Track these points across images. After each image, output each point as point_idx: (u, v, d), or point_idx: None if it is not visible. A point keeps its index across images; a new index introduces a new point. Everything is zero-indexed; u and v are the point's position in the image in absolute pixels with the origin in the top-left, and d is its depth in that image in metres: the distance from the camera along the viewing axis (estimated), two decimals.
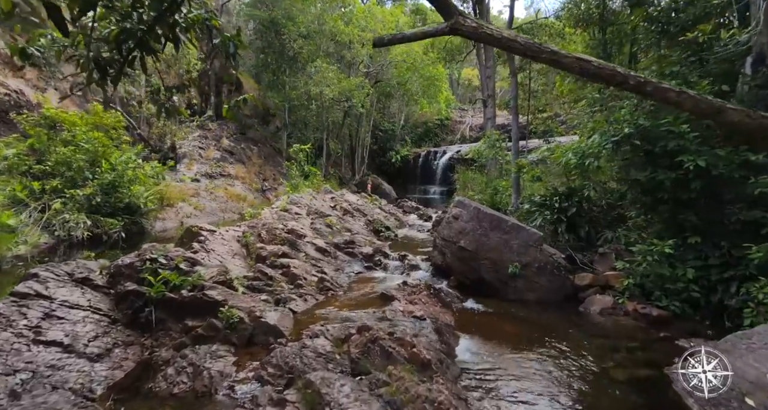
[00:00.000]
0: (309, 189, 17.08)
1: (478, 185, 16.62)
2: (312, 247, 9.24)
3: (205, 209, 15.46)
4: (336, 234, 10.31)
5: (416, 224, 14.87)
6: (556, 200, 9.46)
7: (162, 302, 5.16)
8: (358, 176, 29.54)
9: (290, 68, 24.12)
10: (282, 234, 9.30)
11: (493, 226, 7.53)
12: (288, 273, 7.39)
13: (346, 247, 9.64)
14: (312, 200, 14.50)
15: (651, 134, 6.64)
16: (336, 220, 11.38)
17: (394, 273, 8.63)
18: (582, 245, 9.17)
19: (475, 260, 7.53)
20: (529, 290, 7.23)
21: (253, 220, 10.26)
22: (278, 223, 9.96)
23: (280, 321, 5.28)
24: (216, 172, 19.61)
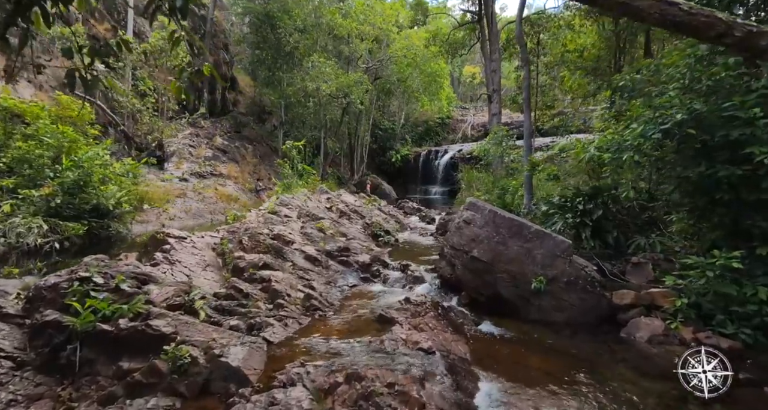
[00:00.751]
0: (304, 189, 15.80)
1: (483, 184, 15.34)
2: (300, 255, 7.95)
3: (191, 210, 14.18)
4: (329, 240, 9.02)
5: (418, 226, 13.58)
6: (579, 202, 8.17)
7: (91, 336, 3.88)
8: (357, 176, 28.28)
9: (286, 64, 22.84)
10: (267, 241, 8.01)
11: (513, 233, 6.24)
12: (268, 289, 6.09)
13: (340, 255, 8.34)
14: (306, 201, 13.25)
15: (707, 121, 5.36)
16: (330, 224, 10.09)
17: (394, 287, 7.34)
18: (609, 253, 7.89)
19: (490, 273, 6.24)
20: (556, 309, 5.93)
21: (236, 224, 8.98)
22: (263, 227, 8.67)
23: (246, 361, 3.99)
24: (206, 171, 18.32)
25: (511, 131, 15.15)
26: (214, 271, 6.67)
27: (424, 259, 8.70)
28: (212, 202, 15.59)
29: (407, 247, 10.23)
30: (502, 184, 14.20)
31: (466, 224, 6.64)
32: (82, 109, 10.10)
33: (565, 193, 8.81)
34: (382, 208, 16.34)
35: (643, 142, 5.87)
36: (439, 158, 30.52)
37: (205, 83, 23.19)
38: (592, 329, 5.70)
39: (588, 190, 8.39)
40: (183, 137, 20.06)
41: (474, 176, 16.22)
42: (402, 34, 23.94)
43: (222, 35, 24.97)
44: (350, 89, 21.48)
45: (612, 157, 6.41)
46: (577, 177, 10.35)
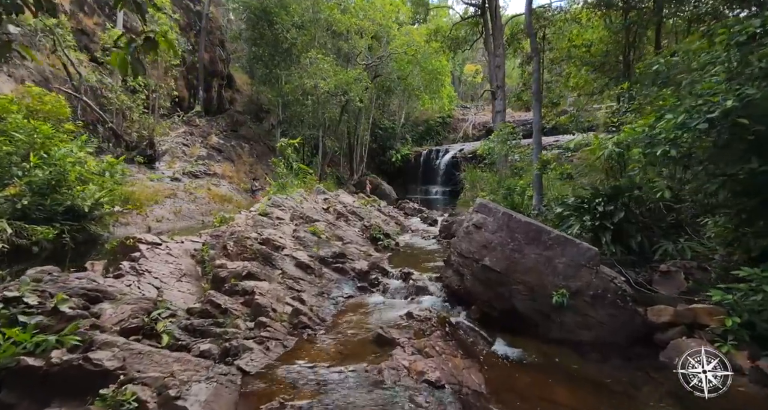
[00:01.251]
0: (300, 189, 14.97)
1: (488, 184, 14.50)
2: (291, 262, 7.13)
3: (181, 211, 13.35)
4: (324, 245, 8.18)
5: (420, 229, 12.74)
6: (598, 203, 7.34)
7: (13, 374, 3.05)
8: (357, 176, 27.44)
9: (284, 61, 22.01)
10: (254, 246, 7.19)
11: (530, 239, 5.40)
12: (251, 303, 5.27)
13: (335, 261, 7.50)
14: (301, 202, 12.44)
15: (761, 109, 4.53)
16: (325, 226, 9.26)
17: (395, 298, 6.51)
18: (633, 259, 7.05)
19: (504, 284, 5.41)
20: (581, 327, 5.10)
21: (222, 227, 8.15)
22: (251, 231, 7.85)
23: (210, 404, 3.16)
24: (200, 171, 17.50)
25: (516, 128, 14.31)
26: (191, 282, 5.85)
27: (428, 266, 7.86)
28: (204, 203, 14.76)
29: (409, 252, 9.39)
30: (508, 184, 13.35)
31: (477, 228, 5.81)
32: (58, 105, 9.24)
33: (581, 193, 7.98)
34: (381, 209, 15.51)
35: (680, 134, 5.04)
36: (440, 158, 29.67)
37: (200, 81, 22.37)
38: (624, 351, 4.87)
39: (607, 190, 7.55)
40: (177, 135, 19.24)
41: (477, 176, 15.38)
42: (402, 30, 23.12)
43: (218, 32, 24.16)
44: (349, 87, 20.64)
45: (643, 152, 5.57)
46: (591, 176, 9.51)
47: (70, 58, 13.48)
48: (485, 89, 17.87)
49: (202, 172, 17.52)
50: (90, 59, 16.45)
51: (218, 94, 24.30)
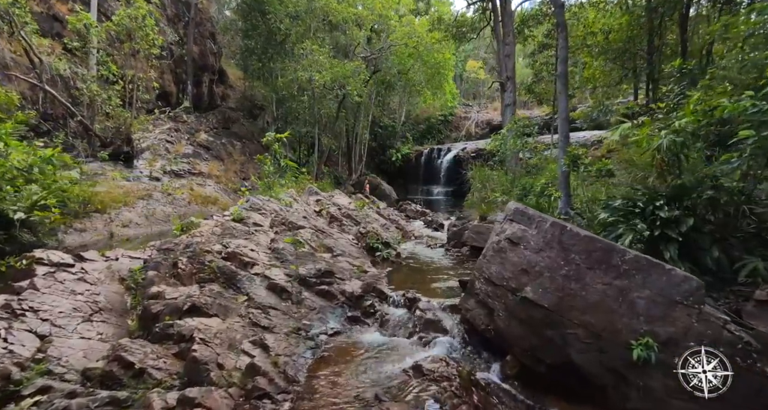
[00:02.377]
0: (291, 189, 13.21)
1: (499, 184, 12.70)
2: (262, 284, 5.35)
3: (155, 214, 11.57)
4: (307, 259, 6.39)
5: (424, 234, 10.95)
6: (658, 206, 5.56)
7: None
8: (356, 176, 25.66)
9: (278, 54, 20.22)
10: (215, 262, 5.41)
11: (595, 261, 3.62)
12: (186, 355, 3.50)
13: (319, 282, 5.71)
14: (291, 204, 10.70)
15: None
16: (311, 234, 7.46)
17: (397, 335, 4.73)
18: (708, 280, 5.27)
19: (556, 326, 3.63)
20: (678, 395, 3.31)
21: (181, 238, 6.36)
22: (216, 242, 6.06)
23: None
24: (183, 169, 15.72)
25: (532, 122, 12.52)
26: (108, 321, 4.06)
27: (438, 286, 6.06)
28: (184, 204, 12.98)
29: (413, 265, 7.60)
30: (523, 183, 11.59)
31: (512, 245, 4.02)
32: None
33: (631, 194, 6.20)
34: (381, 211, 13.73)
35: None
36: (442, 157, 27.91)
37: (189, 75, 20.58)
38: None
39: (668, 190, 5.78)
40: (161, 132, 17.46)
41: (486, 175, 13.58)
42: (403, 21, 21.35)
43: (208, 23, 22.37)
44: (346, 80, 18.85)
45: (756, 135, 3.78)
46: (632, 173, 7.73)
47: (30, 44, 11.69)
48: (493, 81, 16.11)
49: (185, 171, 15.74)
50: (63, 48, 14.68)
51: (209, 89, 22.50)
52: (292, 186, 15.02)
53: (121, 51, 14.12)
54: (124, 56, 14.29)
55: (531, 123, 11.74)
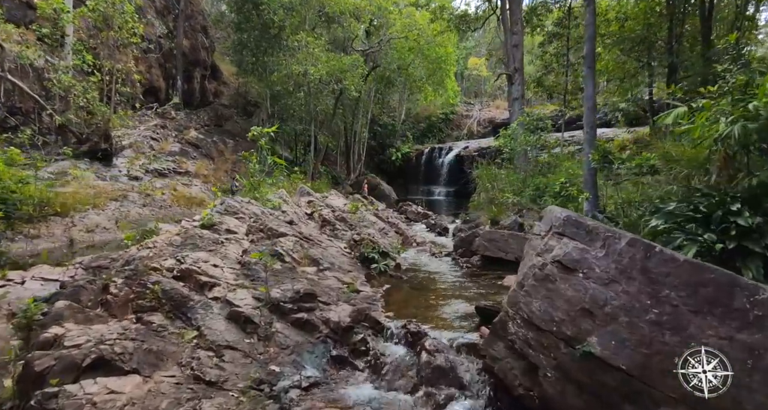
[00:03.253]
0: (281, 190, 11.90)
1: (508, 183, 11.36)
2: (222, 312, 4.04)
3: (129, 216, 10.25)
4: (285, 276, 5.06)
5: (427, 240, 9.61)
6: (733, 211, 4.23)
7: None
8: (354, 176, 24.34)
9: (271, 47, 18.87)
10: (162, 284, 4.08)
11: (704, 301, 2.29)
12: None
13: (297, 307, 4.38)
14: (279, 206, 9.41)
15: None
16: (295, 243, 6.12)
17: (395, 387, 3.41)
18: None
19: (639, 399, 2.30)
20: None
21: (129, 251, 5.03)
22: (170, 256, 4.73)
23: None
24: (168, 168, 14.40)
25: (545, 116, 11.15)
26: None
27: (448, 312, 4.72)
28: (164, 206, 11.67)
29: (415, 281, 6.25)
30: (537, 183, 10.26)
31: (566, 271, 2.69)
32: None
33: (690, 196, 4.87)
34: (379, 213, 12.39)
35: None
36: (443, 156, 26.58)
37: (179, 70, 19.25)
38: None
39: (742, 191, 4.45)
40: (146, 128, 16.13)
41: (493, 174, 12.24)
42: (404, 12, 19.99)
43: (200, 16, 21.05)
44: (343, 74, 17.51)
45: None
46: (676, 170, 6.38)
47: None
48: (500, 73, 14.77)
49: (170, 170, 14.42)
50: (38, 38, 13.35)
51: (201, 85, 21.19)
52: (283, 186, 13.72)
53: (98, 40, 12.78)
54: (101, 46, 12.96)
55: (545, 116, 10.38)
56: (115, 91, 13.20)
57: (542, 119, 10.26)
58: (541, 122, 10.29)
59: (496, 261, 6.81)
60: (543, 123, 10.36)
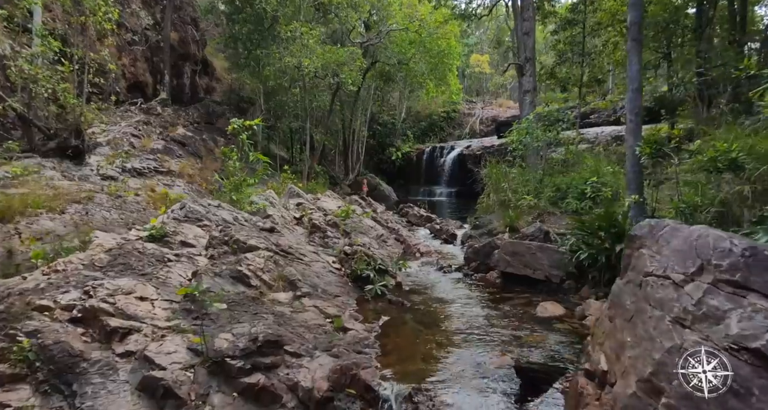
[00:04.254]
0: (269, 190, 10.48)
1: (522, 184, 9.90)
2: (132, 379, 2.57)
3: (93, 222, 8.78)
4: (246, 308, 3.61)
5: (432, 249, 8.13)
6: None
7: None
8: (353, 176, 22.90)
9: (264, 40, 17.43)
10: (41, 335, 2.62)
11: None
12: None
13: (251, 365, 2.91)
14: (264, 209, 8.09)
15: None
16: (267, 260, 4.64)
17: None
18: None
19: None
20: None
21: (9, 280, 3.57)
22: (78, 286, 3.28)
23: None
24: (149, 167, 12.94)
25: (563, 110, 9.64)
26: None
27: (475, 369, 3.22)
28: (137, 209, 10.17)
29: (422, 310, 4.75)
30: (557, 183, 8.80)
31: None
32: None
33: None
34: (377, 217, 10.94)
35: None
36: (445, 156, 25.16)
37: (166, 63, 17.78)
38: None
39: None
40: (127, 125, 14.68)
41: (504, 173, 10.75)
42: (405, 2, 18.54)
43: (189, 8, 19.58)
44: (340, 68, 16.07)
45: None
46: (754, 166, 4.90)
47: None
48: (509, 63, 13.30)
49: (151, 168, 12.96)
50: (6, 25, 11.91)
51: (191, 81, 19.74)
52: (272, 187, 12.29)
53: (70, 26, 11.32)
54: (73, 32, 11.49)
55: (563, 111, 8.89)
56: (88, 83, 11.74)
57: (562, 110, 8.80)
58: (562, 112, 8.82)
59: (521, 280, 5.36)
60: (563, 114, 8.89)
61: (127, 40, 16.50)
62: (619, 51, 13.05)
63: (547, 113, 8.76)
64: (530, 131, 9.43)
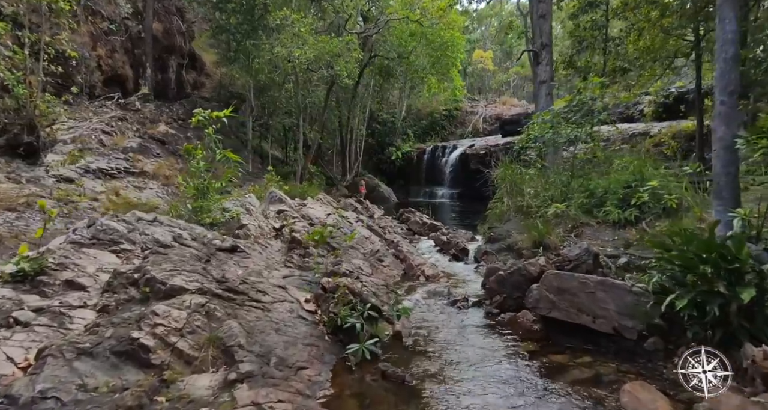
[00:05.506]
0: (249, 195, 8.76)
1: (542, 187, 8.14)
2: None
3: (25, 234, 7.05)
4: None
5: (440, 270, 6.33)
6: None
7: None
8: (351, 176, 21.17)
9: (254, 30, 15.65)
10: None
11: None
12: None
13: None
14: (238, 218, 6.59)
15: None
16: (191, 314, 2.92)
17: None
18: None
19: None
20: None
21: None
22: None
23: None
24: (119, 167, 11.21)
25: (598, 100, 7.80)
26: None
27: None
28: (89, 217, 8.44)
29: (433, 391, 3.02)
30: (590, 186, 7.02)
31: None
32: None
33: None
34: (373, 224, 9.20)
35: None
36: (447, 155, 23.38)
37: (148, 56, 16.01)
38: None
39: None
40: (99, 120, 12.94)
41: (519, 174, 8.99)
42: None
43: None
44: (335, 60, 14.31)
45: None
46: None
47: None
48: (524, 50, 11.51)
49: (121, 169, 11.23)
50: None
51: (177, 75, 17.97)
52: (253, 190, 10.55)
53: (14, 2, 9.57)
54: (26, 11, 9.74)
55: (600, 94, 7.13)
56: (42, 71, 9.97)
57: (595, 99, 7.06)
58: (593, 100, 7.06)
59: (573, 329, 3.61)
60: (597, 104, 7.13)
61: (104, 30, 14.75)
62: (642, 39, 11.28)
63: (579, 101, 6.97)
64: (555, 124, 7.67)
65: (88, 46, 13.98)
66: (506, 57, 29.75)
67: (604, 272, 4.49)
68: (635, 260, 4.68)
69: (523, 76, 28.78)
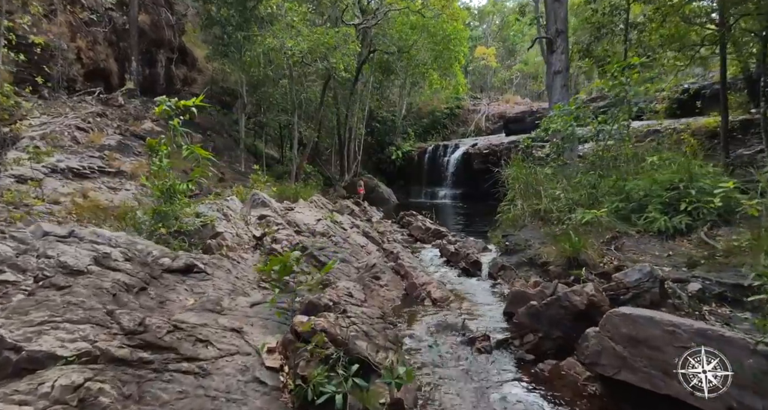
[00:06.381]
0: (232, 197, 7.59)
1: (561, 188, 6.93)
2: None
3: None
4: None
5: (449, 291, 5.12)
6: None
7: None
8: (349, 176, 20.00)
9: (246, 22, 14.46)
10: None
11: None
12: None
13: None
14: (213, 226, 5.45)
15: None
16: (81, 397, 1.77)
17: None
18: None
19: None
20: None
21: None
22: None
23: None
24: (92, 166, 10.02)
25: None
26: None
27: None
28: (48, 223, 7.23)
29: None
30: (627, 188, 5.81)
31: None
32: None
33: None
34: (370, 230, 7.99)
35: None
36: (449, 155, 22.18)
37: (133, 49, 14.82)
38: None
39: None
40: (75, 116, 11.74)
41: (534, 174, 7.78)
42: None
43: None
44: (330, 52, 13.11)
45: None
46: None
47: None
48: (537, 37, 10.29)
49: (94, 168, 10.04)
50: None
51: (166, 70, 16.78)
52: (237, 191, 9.35)
53: None
54: None
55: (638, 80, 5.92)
56: (0, 60, 8.76)
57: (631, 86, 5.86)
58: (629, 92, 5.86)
59: (655, 402, 2.40)
60: (630, 92, 5.93)
61: (84, 20, 13.59)
62: (664, 27, 10.06)
63: (618, 87, 5.77)
64: (581, 117, 6.47)
65: (66, 36, 12.79)
66: (509, 54, 28.57)
67: (674, 304, 3.28)
68: (711, 287, 3.47)
69: (526, 73, 27.57)
